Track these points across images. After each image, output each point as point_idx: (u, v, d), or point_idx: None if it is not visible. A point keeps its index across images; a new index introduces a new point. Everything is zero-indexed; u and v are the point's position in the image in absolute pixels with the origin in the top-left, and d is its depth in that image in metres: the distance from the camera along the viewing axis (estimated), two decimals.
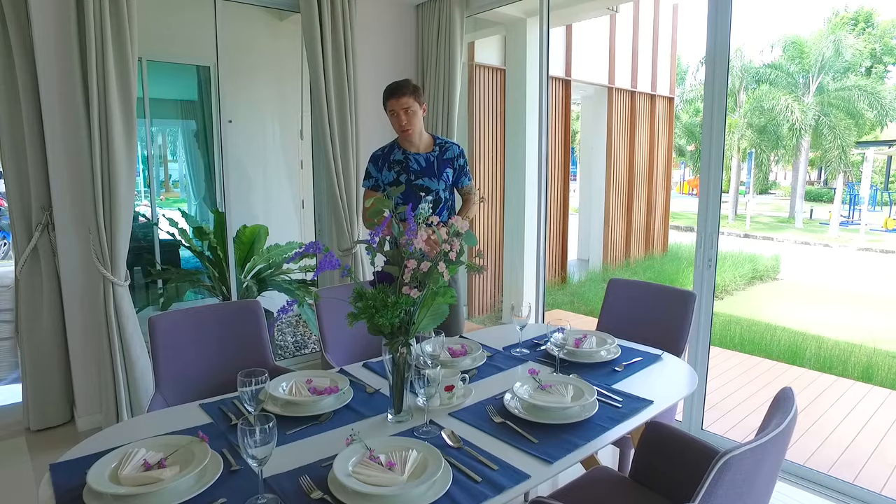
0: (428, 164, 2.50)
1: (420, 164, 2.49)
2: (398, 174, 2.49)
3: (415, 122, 2.43)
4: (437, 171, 2.50)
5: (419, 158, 2.50)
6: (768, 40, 25.80)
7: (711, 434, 2.89)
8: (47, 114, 2.75)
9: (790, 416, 1.21)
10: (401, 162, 2.49)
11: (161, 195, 7.85)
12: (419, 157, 2.50)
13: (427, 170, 2.49)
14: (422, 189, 2.49)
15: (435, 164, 2.51)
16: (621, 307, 2.54)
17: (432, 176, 2.50)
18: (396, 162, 2.50)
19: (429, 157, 2.51)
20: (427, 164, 2.50)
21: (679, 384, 1.86)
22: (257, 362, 2.07)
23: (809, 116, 14.31)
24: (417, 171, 2.48)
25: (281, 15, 5.10)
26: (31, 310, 2.94)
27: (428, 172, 2.49)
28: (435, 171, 2.50)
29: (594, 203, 9.21)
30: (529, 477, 1.26)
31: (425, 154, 2.52)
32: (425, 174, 2.49)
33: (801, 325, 6.60)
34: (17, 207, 2.87)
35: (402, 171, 2.48)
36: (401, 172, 2.48)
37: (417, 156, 2.50)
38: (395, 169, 2.50)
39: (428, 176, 2.49)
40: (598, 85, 8.59)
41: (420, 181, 2.48)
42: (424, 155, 2.51)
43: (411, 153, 2.50)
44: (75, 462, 1.28)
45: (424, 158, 2.50)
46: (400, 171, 2.49)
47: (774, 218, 16.05)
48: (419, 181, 2.48)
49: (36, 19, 2.67)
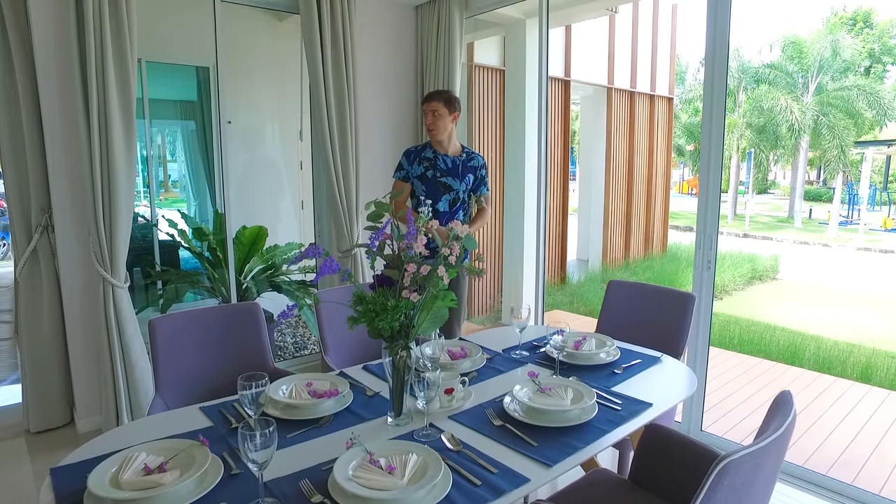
0: (454, 166, 2.85)
1: (447, 164, 2.84)
2: (426, 169, 2.84)
3: (439, 124, 2.80)
4: (460, 174, 2.85)
5: (447, 159, 2.85)
6: (767, 40, 25.78)
7: (711, 435, 2.89)
8: (47, 116, 2.75)
9: (789, 420, 1.21)
10: (430, 159, 2.85)
11: (160, 195, 7.84)
12: (447, 158, 2.85)
13: (452, 170, 2.84)
14: (444, 186, 2.83)
15: (460, 168, 2.86)
16: (621, 309, 2.55)
17: (456, 177, 2.84)
18: (426, 158, 2.85)
19: (455, 161, 2.86)
20: (453, 166, 2.85)
21: (678, 386, 1.86)
22: (257, 365, 2.07)
23: (808, 116, 14.32)
24: (444, 170, 2.83)
25: (280, 16, 5.09)
26: (31, 311, 2.94)
27: (453, 173, 2.84)
28: (459, 173, 2.85)
29: (593, 203, 9.22)
30: (529, 480, 1.27)
31: (453, 157, 2.87)
32: (450, 174, 2.84)
33: (801, 325, 6.61)
34: (16, 209, 2.87)
35: (429, 168, 2.84)
36: (428, 168, 2.84)
37: (446, 157, 2.86)
38: (424, 164, 2.85)
39: (452, 176, 2.84)
40: (597, 85, 8.59)
41: (444, 179, 2.83)
42: (452, 158, 2.86)
43: (440, 154, 2.86)
44: (76, 466, 1.28)
45: (451, 161, 2.86)
46: (428, 166, 2.84)
47: (773, 218, 16.06)
48: (443, 179, 2.83)
49: (35, 22, 2.67)
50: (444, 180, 2.83)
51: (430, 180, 2.82)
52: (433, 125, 2.80)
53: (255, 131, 5.40)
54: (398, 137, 4.04)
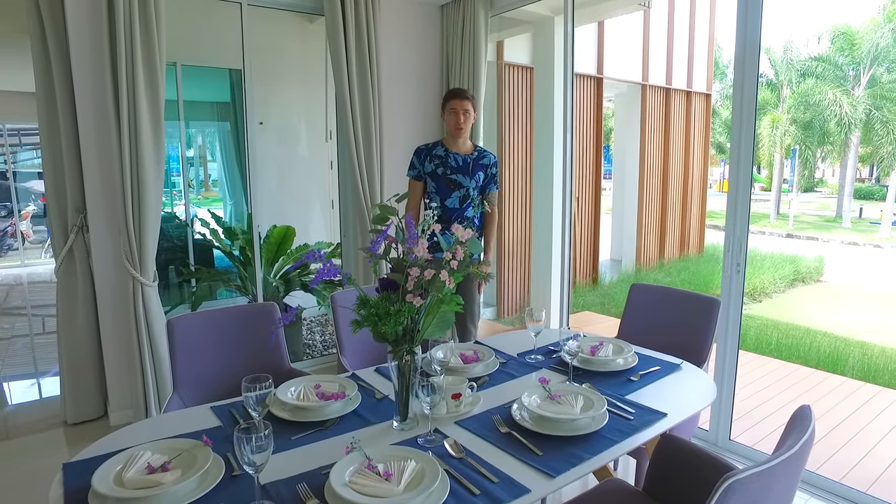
0: (465, 163, 2.85)
1: (458, 162, 2.84)
2: (437, 167, 2.83)
3: (468, 124, 2.81)
4: (471, 172, 2.85)
5: (458, 157, 2.85)
6: (814, 31, 24.66)
7: (739, 445, 2.78)
8: (82, 119, 2.85)
9: (805, 437, 1.14)
10: (441, 157, 2.84)
11: (200, 195, 8.08)
12: (458, 156, 2.85)
13: (463, 168, 2.84)
14: (454, 184, 2.83)
15: (471, 166, 2.85)
16: (643, 313, 2.48)
17: (466, 174, 2.84)
18: (437, 156, 2.85)
19: (466, 159, 2.86)
20: (464, 164, 2.85)
21: (697, 396, 1.79)
22: (273, 365, 2.10)
23: (860, 110, 13.66)
24: (454, 168, 2.83)
25: (311, 18, 5.16)
26: (68, 308, 3.07)
27: (463, 170, 2.84)
28: (469, 171, 2.85)
29: (627, 202, 9.03)
30: (529, 491, 1.24)
31: (464, 155, 2.87)
32: (461, 171, 2.84)
33: (845, 330, 6.30)
34: (54, 209, 2.99)
35: (440, 165, 2.83)
36: (439, 166, 2.83)
37: (457, 155, 2.86)
38: (434, 162, 2.84)
39: (462, 173, 2.84)
40: (631, 82, 8.40)
41: (454, 176, 2.83)
42: (463, 156, 2.86)
43: (452, 152, 2.86)
44: (87, 462, 1.32)
45: (462, 158, 2.85)
46: (439, 164, 2.84)
47: (820, 217, 15.39)
48: (454, 176, 2.83)
49: (72, 28, 2.77)
50: (455, 177, 2.83)
51: (440, 177, 2.82)
52: (464, 124, 2.78)
53: (288, 132, 5.50)
54: (423, 137, 4.03)
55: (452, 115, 2.79)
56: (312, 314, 5.38)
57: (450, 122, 2.82)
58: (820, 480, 2.50)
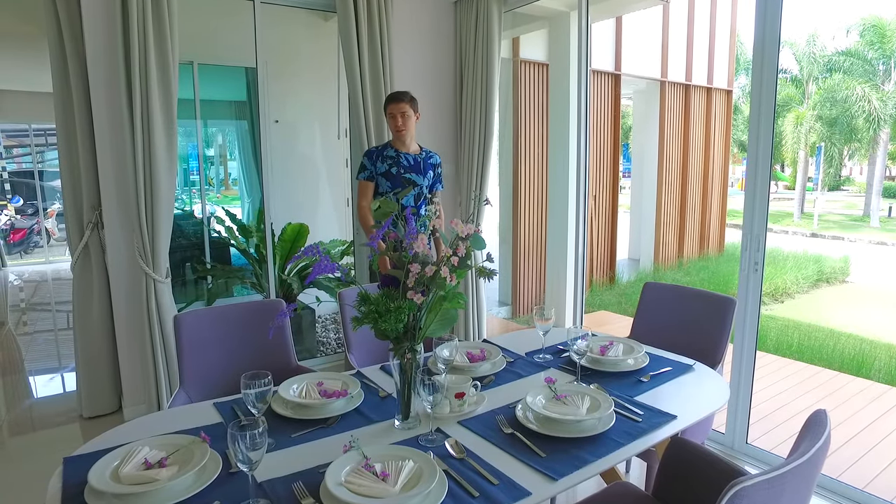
0: (416, 163, 2.98)
1: (409, 161, 2.97)
2: (390, 167, 2.93)
3: (408, 125, 2.92)
4: (422, 170, 2.99)
5: (409, 157, 2.97)
6: (842, 24, 23.97)
7: (756, 449, 2.71)
8: (97, 117, 2.89)
9: (819, 443, 1.09)
10: (393, 157, 2.95)
11: (220, 193, 8.17)
12: (409, 156, 2.98)
13: (415, 167, 2.97)
14: (408, 182, 2.96)
15: (421, 165, 2.99)
16: (656, 313, 2.43)
17: (419, 172, 2.98)
18: (389, 157, 2.95)
19: (416, 158, 3.00)
20: (415, 163, 2.98)
21: (709, 398, 1.74)
22: (280, 361, 2.10)
23: (889, 106, 13.27)
24: (407, 167, 2.96)
25: (326, 15, 5.16)
26: (83, 303, 3.11)
27: (415, 169, 2.97)
28: (421, 169, 2.99)
29: (646, 201, 8.90)
30: (530, 494, 1.20)
31: (413, 155, 3.00)
32: (413, 170, 2.97)
33: (871, 332, 6.11)
34: (70, 206, 3.04)
35: (393, 165, 2.93)
36: (392, 166, 2.93)
37: (408, 155, 2.98)
38: (387, 162, 2.93)
39: (415, 172, 2.97)
40: (649, 79, 8.27)
41: (408, 175, 2.95)
42: (413, 156, 2.99)
43: (402, 152, 2.97)
44: (87, 457, 1.32)
45: (413, 158, 2.98)
46: (392, 164, 2.93)
47: (846, 216, 14.99)
48: (408, 175, 2.96)
49: (88, 28, 2.81)
50: (409, 176, 2.94)
51: (395, 176, 2.91)
52: (403, 126, 2.90)
53: (303, 130, 5.51)
54: (435, 134, 4.01)
55: (391, 118, 2.91)
56: (327, 311, 5.39)
57: (391, 125, 2.94)
58: (842, 488, 2.42)
